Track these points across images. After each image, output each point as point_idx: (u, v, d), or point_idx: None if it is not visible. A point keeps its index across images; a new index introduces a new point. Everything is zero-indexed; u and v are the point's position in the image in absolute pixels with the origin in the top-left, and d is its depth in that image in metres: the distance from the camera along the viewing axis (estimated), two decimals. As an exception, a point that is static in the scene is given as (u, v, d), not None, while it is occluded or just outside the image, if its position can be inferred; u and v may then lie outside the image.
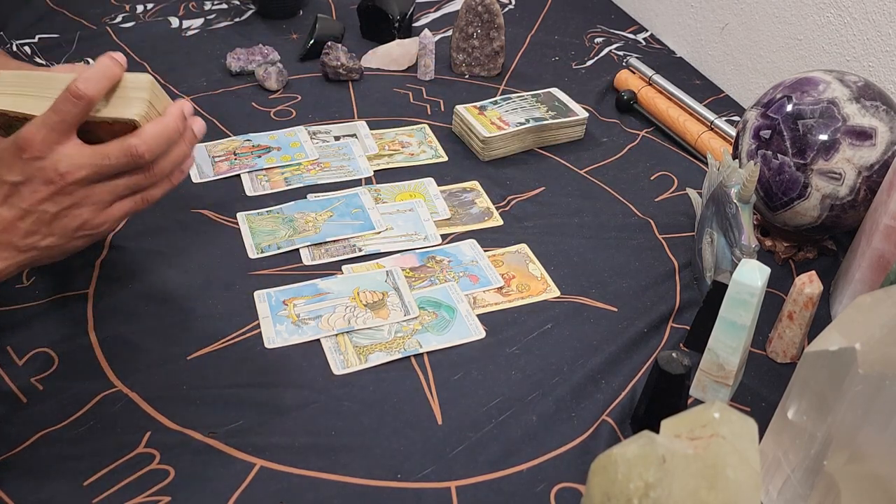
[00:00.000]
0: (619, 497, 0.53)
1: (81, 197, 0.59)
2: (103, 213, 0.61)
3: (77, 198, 0.59)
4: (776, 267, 0.96)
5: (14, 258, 0.60)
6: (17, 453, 0.69)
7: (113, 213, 0.61)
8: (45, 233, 0.59)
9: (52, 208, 0.58)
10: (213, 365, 0.79)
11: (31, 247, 0.60)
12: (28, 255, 0.60)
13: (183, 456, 0.70)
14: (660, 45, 1.46)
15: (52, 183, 0.58)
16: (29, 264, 0.61)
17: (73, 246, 0.62)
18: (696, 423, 0.55)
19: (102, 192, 0.60)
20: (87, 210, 0.60)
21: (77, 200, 0.59)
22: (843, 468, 0.60)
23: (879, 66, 1.06)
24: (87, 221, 0.60)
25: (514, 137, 1.12)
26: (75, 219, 0.59)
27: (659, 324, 0.88)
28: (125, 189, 0.60)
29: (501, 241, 0.97)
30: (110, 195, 0.60)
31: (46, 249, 0.60)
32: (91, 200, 0.59)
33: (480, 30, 1.27)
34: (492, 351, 0.83)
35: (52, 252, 0.61)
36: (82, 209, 0.59)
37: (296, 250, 0.93)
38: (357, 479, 0.70)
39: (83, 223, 0.60)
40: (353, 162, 1.08)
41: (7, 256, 0.59)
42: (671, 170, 1.12)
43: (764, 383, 0.82)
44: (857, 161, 0.86)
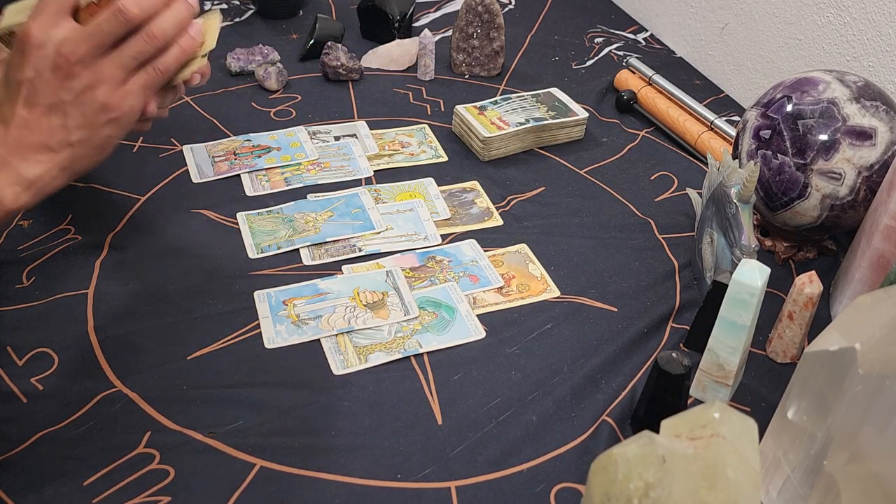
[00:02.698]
0: (619, 497, 0.53)
1: (91, 77, 0.58)
2: (120, 90, 0.60)
3: (87, 79, 0.58)
4: (776, 267, 0.96)
5: (52, 160, 0.59)
6: (17, 453, 0.69)
7: (130, 88, 0.60)
8: (70, 125, 0.59)
9: (67, 96, 0.58)
10: (213, 365, 0.79)
11: (64, 143, 0.59)
12: (64, 155, 0.60)
13: (183, 456, 0.70)
14: (660, 45, 1.46)
15: (60, 68, 0.57)
16: (69, 166, 0.60)
17: (104, 136, 0.61)
18: (696, 423, 0.55)
19: (110, 67, 0.59)
20: (102, 90, 0.59)
21: (89, 82, 0.58)
22: (843, 468, 0.60)
23: (879, 66, 1.06)
24: (106, 103, 0.59)
25: (514, 137, 1.12)
26: (94, 101, 0.59)
27: (659, 324, 0.88)
28: (131, 59, 0.59)
29: (501, 241, 0.97)
30: (119, 69, 0.59)
31: (80, 144, 0.60)
32: (102, 79, 0.59)
33: (480, 30, 1.27)
34: (492, 351, 0.83)
35: (87, 147, 0.60)
36: (97, 90, 0.59)
37: (296, 250, 0.93)
38: (357, 479, 0.70)
39: (103, 105, 0.59)
40: (353, 162, 1.08)
41: (44, 159, 0.59)
42: (671, 170, 1.12)
43: (764, 383, 0.82)
44: (857, 161, 0.86)
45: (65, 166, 0.60)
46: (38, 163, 0.59)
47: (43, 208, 0.96)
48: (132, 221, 0.96)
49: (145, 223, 0.95)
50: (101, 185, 1.00)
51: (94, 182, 1.00)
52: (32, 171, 0.59)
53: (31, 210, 0.95)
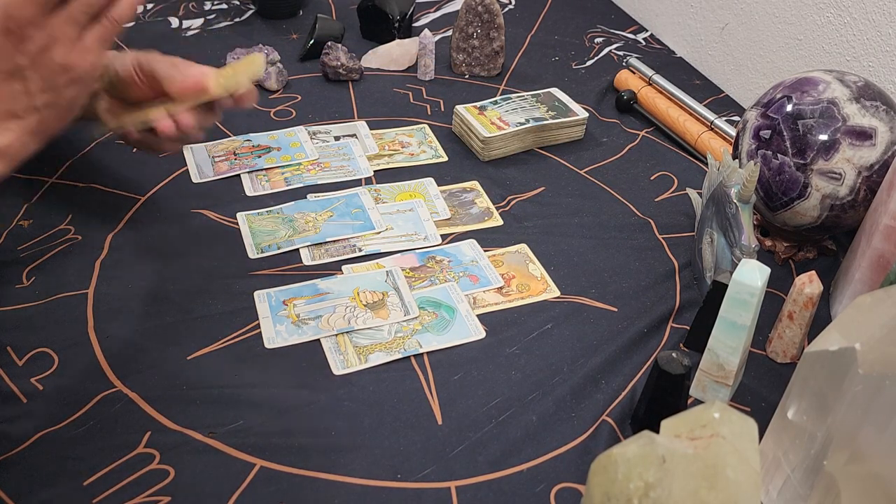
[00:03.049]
0: (619, 497, 0.53)
1: (44, 38, 0.57)
2: (77, 48, 0.59)
3: (40, 41, 0.57)
4: (776, 267, 0.96)
5: (20, 126, 0.59)
6: (17, 453, 0.69)
7: (86, 44, 0.59)
8: (32, 90, 0.58)
9: (23, 60, 0.57)
10: (213, 365, 0.79)
11: (30, 108, 0.58)
12: (32, 120, 0.59)
13: (183, 456, 0.70)
14: (660, 45, 1.46)
15: (11, 32, 0.56)
16: (39, 130, 0.60)
17: (70, 97, 0.60)
18: (696, 423, 0.55)
19: (60, 24, 0.58)
20: (59, 50, 0.58)
21: (43, 43, 0.57)
22: (843, 468, 0.60)
23: (879, 66, 1.06)
24: (66, 63, 0.58)
25: (514, 137, 1.12)
26: (52, 62, 0.58)
27: (659, 324, 0.88)
28: (81, 14, 0.58)
29: (501, 241, 0.97)
30: (71, 25, 0.58)
31: (45, 108, 0.59)
32: (56, 38, 0.58)
33: (480, 30, 1.27)
34: (492, 351, 0.83)
35: (53, 110, 0.60)
36: (53, 50, 0.58)
37: (296, 250, 0.93)
38: (357, 479, 0.70)
39: (62, 65, 0.58)
40: (353, 162, 1.08)
41: (12, 127, 0.58)
42: (671, 170, 1.12)
43: (764, 383, 0.82)
44: (857, 161, 0.86)
45: (34, 131, 0.59)
46: (7, 130, 0.58)
47: (43, 208, 0.96)
48: (132, 221, 0.96)
49: (145, 223, 0.95)
50: (101, 185, 1.00)
51: (94, 182, 1.00)
52: (1, 139, 0.58)
53: (31, 210, 0.95)
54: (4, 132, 0.58)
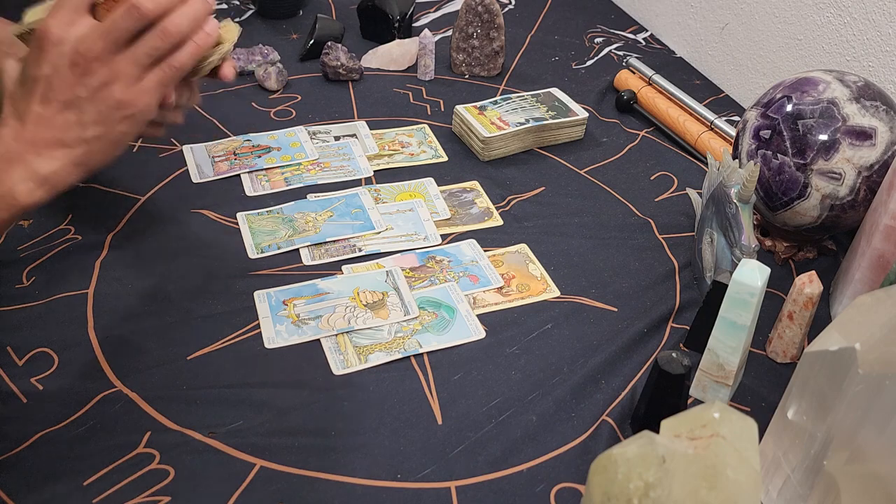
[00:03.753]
0: (619, 497, 0.53)
1: (107, 74, 0.59)
2: (135, 88, 0.60)
3: (103, 76, 0.59)
4: (776, 267, 0.96)
5: (66, 156, 0.60)
6: (17, 453, 0.69)
7: (144, 85, 0.60)
8: (86, 121, 0.59)
9: (83, 93, 0.59)
10: (213, 365, 0.79)
11: (79, 140, 0.60)
12: (79, 151, 0.60)
13: (183, 456, 0.70)
14: (660, 45, 1.46)
15: (77, 65, 0.58)
16: (84, 162, 0.61)
17: (119, 132, 0.61)
18: (696, 423, 0.55)
19: (125, 63, 0.59)
20: (118, 87, 0.59)
21: (104, 79, 0.59)
22: (843, 468, 0.60)
23: (879, 66, 1.06)
24: (121, 100, 0.60)
25: (514, 137, 1.12)
26: (109, 98, 0.59)
27: (659, 324, 0.88)
28: (146, 56, 0.60)
29: (501, 241, 0.97)
30: (134, 66, 0.59)
31: (95, 141, 0.60)
32: (117, 76, 0.59)
33: (480, 30, 1.27)
34: (492, 351, 0.83)
35: (101, 143, 0.61)
36: (113, 87, 0.59)
37: (296, 250, 0.93)
38: (357, 479, 0.70)
39: (119, 102, 0.60)
40: (353, 162, 1.08)
41: (59, 155, 0.59)
42: (671, 170, 1.12)
43: (764, 383, 0.82)
44: (857, 161, 0.86)
45: (79, 162, 0.61)
46: (53, 158, 0.59)
47: (43, 208, 0.95)
48: (132, 221, 0.96)
49: (145, 223, 0.95)
50: (101, 185, 1.00)
51: (94, 182, 1.00)
52: (47, 166, 0.59)
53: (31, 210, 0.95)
54: (51, 160, 0.59)
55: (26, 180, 0.59)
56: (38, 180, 0.59)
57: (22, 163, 0.59)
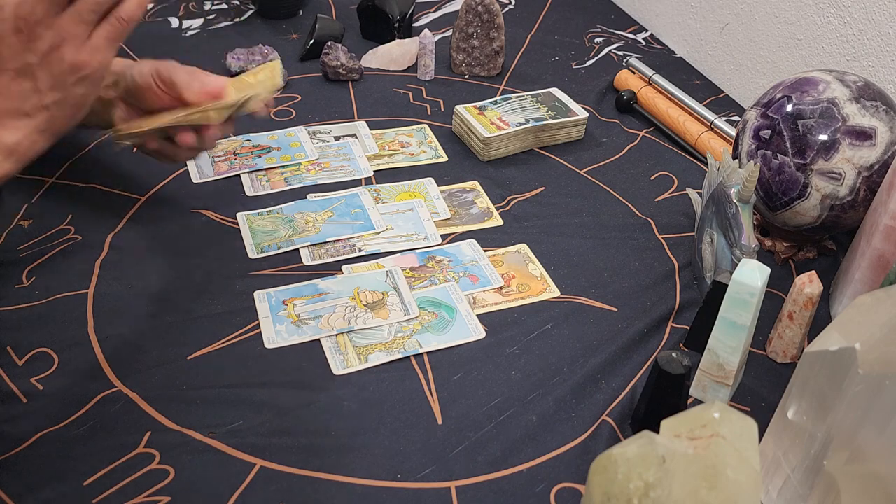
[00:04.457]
0: (619, 497, 0.53)
1: (54, 37, 0.57)
2: (86, 47, 0.59)
3: (50, 39, 0.57)
4: (776, 267, 0.96)
5: (28, 124, 0.59)
6: (17, 453, 0.69)
7: (95, 43, 0.59)
8: (42, 88, 0.58)
9: (33, 59, 0.57)
10: (213, 365, 0.79)
11: (38, 107, 0.59)
12: (41, 119, 0.59)
13: (183, 456, 0.70)
14: (660, 45, 1.46)
15: (21, 31, 0.57)
16: (48, 128, 0.60)
17: (78, 95, 0.60)
18: (696, 423, 0.55)
19: (70, 23, 0.58)
20: (68, 49, 0.58)
21: (52, 42, 0.57)
22: (843, 468, 0.60)
23: (879, 66, 1.06)
24: (74, 62, 0.59)
25: (514, 137, 1.12)
26: (61, 62, 0.58)
27: (659, 324, 0.88)
28: (90, 13, 0.58)
29: (501, 241, 0.97)
30: (80, 24, 0.58)
31: (55, 106, 0.59)
32: (65, 37, 0.58)
33: (480, 30, 1.27)
34: (492, 351, 0.83)
35: (62, 109, 0.60)
36: (62, 49, 0.58)
37: (296, 250, 0.93)
38: (357, 479, 0.70)
39: (72, 64, 0.59)
40: (353, 162, 1.08)
41: (21, 125, 0.59)
42: (671, 170, 1.12)
43: (764, 383, 0.82)
44: (857, 161, 0.86)
45: (43, 129, 0.60)
46: (16, 129, 0.58)
47: (43, 208, 0.96)
48: (132, 221, 0.96)
49: (145, 223, 0.95)
50: (101, 185, 1.00)
51: (94, 182, 1.00)
52: (10, 137, 0.58)
53: (31, 210, 0.95)
54: (13, 130, 0.59)
55: None
56: (4, 152, 0.58)
57: None
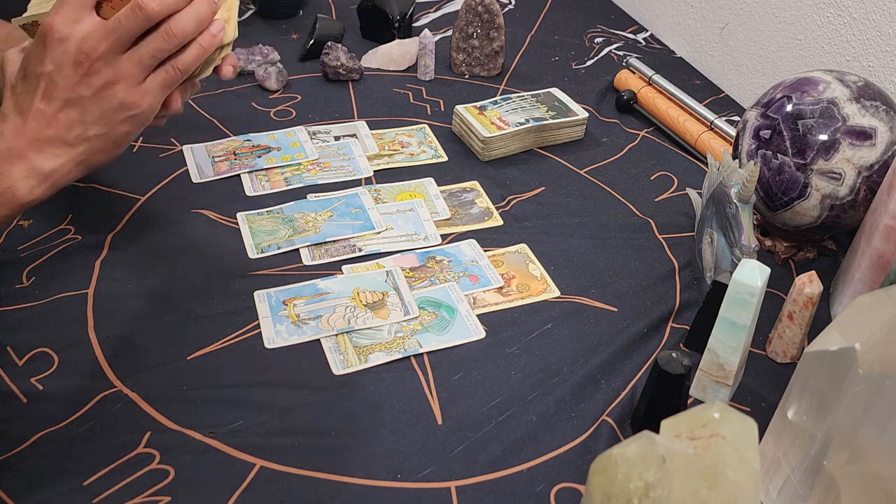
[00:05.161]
0: (619, 497, 0.53)
1: (111, 74, 0.59)
2: (138, 89, 0.60)
3: (107, 76, 0.59)
4: (776, 267, 0.96)
5: (67, 153, 0.60)
6: (17, 453, 0.69)
7: (148, 87, 0.60)
8: (88, 120, 0.59)
9: (86, 92, 0.58)
10: (213, 365, 0.79)
11: (81, 139, 0.60)
12: (80, 150, 0.60)
13: (183, 456, 0.70)
14: (660, 45, 1.46)
15: (80, 64, 0.58)
16: (85, 160, 0.61)
17: (122, 132, 0.61)
18: (696, 423, 0.55)
19: (129, 64, 0.59)
20: (121, 88, 0.59)
21: (108, 79, 0.59)
22: (843, 468, 0.60)
23: (879, 66, 1.06)
24: (125, 101, 0.60)
25: (514, 137, 1.12)
26: (112, 99, 0.59)
27: (659, 324, 0.88)
28: (150, 58, 0.60)
29: (501, 241, 0.97)
30: (138, 67, 0.59)
31: (96, 139, 0.60)
32: (121, 76, 0.59)
33: (480, 30, 1.27)
34: (492, 351, 0.83)
35: (103, 142, 0.61)
36: (116, 87, 0.59)
37: (296, 250, 0.93)
38: (357, 479, 0.70)
39: (122, 103, 0.60)
40: (353, 162, 1.08)
41: (60, 153, 0.60)
42: (671, 170, 1.12)
43: (764, 383, 0.82)
44: (857, 161, 0.86)
45: (80, 160, 0.61)
46: (54, 156, 0.59)
47: (43, 208, 0.95)
48: (132, 221, 0.96)
49: (145, 223, 0.95)
50: (101, 185, 1.00)
51: (94, 182, 1.00)
52: (48, 164, 0.59)
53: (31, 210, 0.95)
54: (53, 158, 0.60)
55: (27, 177, 0.59)
56: (39, 177, 0.59)
57: (23, 159, 0.59)
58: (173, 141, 1.09)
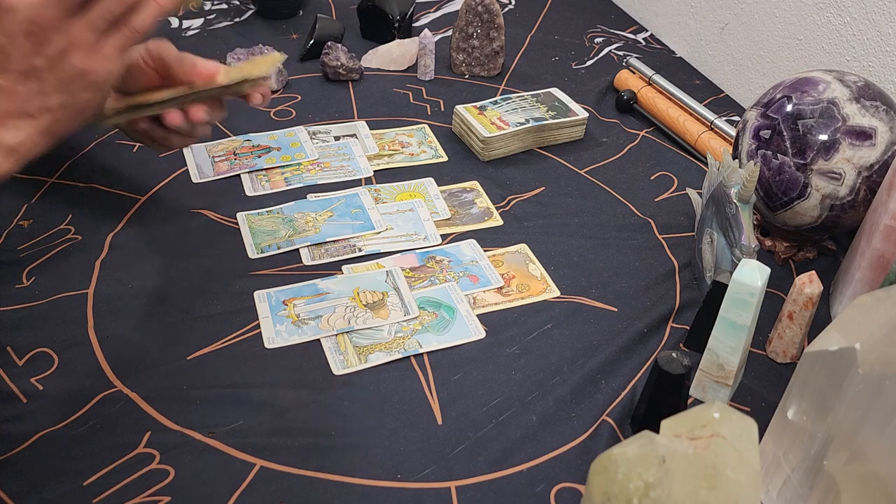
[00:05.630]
0: (619, 497, 0.53)
1: (64, 42, 0.58)
2: (95, 54, 0.59)
3: (60, 44, 0.57)
4: (776, 267, 0.96)
5: (31, 125, 0.59)
6: (17, 453, 0.69)
7: (104, 50, 0.59)
8: (47, 90, 0.58)
9: (41, 62, 0.57)
10: (213, 365, 0.79)
11: (43, 109, 0.59)
12: (44, 121, 0.59)
13: (183, 456, 0.70)
14: (660, 45, 1.46)
15: (32, 34, 0.57)
16: (49, 130, 0.60)
17: (83, 99, 0.60)
18: (696, 423, 0.55)
19: (81, 29, 0.58)
20: (77, 55, 0.58)
21: (61, 47, 0.58)
22: (843, 468, 0.60)
23: (879, 66, 1.06)
24: (82, 68, 0.59)
25: (514, 137, 1.12)
26: (69, 67, 0.58)
27: (659, 324, 0.88)
28: (102, 21, 0.59)
29: (501, 241, 0.97)
30: (91, 31, 0.58)
31: (59, 109, 0.59)
32: (75, 43, 0.58)
33: (480, 30, 1.27)
34: (492, 351, 0.83)
35: (66, 112, 0.60)
36: (71, 55, 0.58)
37: (296, 250, 0.93)
38: (357, 479, 0.70)
39: (79, 70, 0.59)
40: (353, 162, 1.08)
41: (23, 125, 0.59)
42: (671, 170, 1.12)
43: (764, 383, 0.82)
44: (857, 161, 0.86)
45: (45, 131, 0.60)
46: (18, 129, 0.59)
47: (43, 208, 0.96)
48: (132, 221, 0.96)
49: (145, 223, 0.95)
50: (101, 185, 1.00)
51: (94, 182, 1.00)
52: (12, 137, 0.58)
53: (31, 210, 0.95)
54: (16, 130, 0.59)
55: None
56: (5, 152, 0.58)
57: None
58: (173, 141, 1.09)
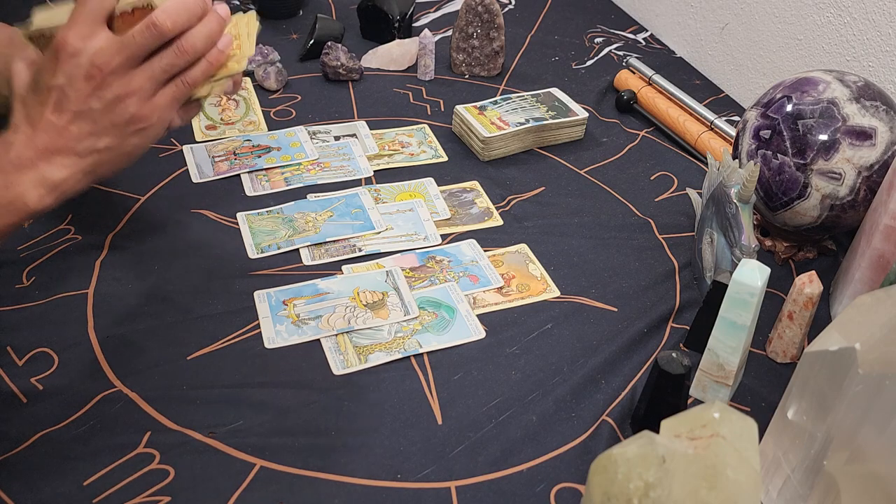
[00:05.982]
0: (619, 497, 0.53)
1: (122, 88, 0.59)
2: (149, 103, 0.61)
3: (118, 89, 0.59)
4: (776, 267, 0.96)
5: (77, 164, 0.61)
6: (17, 453, 0.69)
7: (158, 101, 0.61)
8: (98, 132, 0.60)
9: (97, 105, 0.59)
10: (213, 365, 0.79)
11: (90, 150, 0.60)
12: (90, 161, 0.61)
13: (183, 456, 0.70)
14: (660, 45, 1.46)
15: (92, 78, 0.58)
16: (94, 171, 0.62)
17: (131, 145, 0.62)
18: (696, 423, 0.55)
19: (141, 78, 0.60)
20: (132, 102, 0.60)
21: (119, 93, 0.59)
22: (843, 468, 0.60)
23: (879, 66, 1.06)
24: (135, 114, 0.60)
25: (514, 137, 1.12)
26: (123, 112, 0.60)
27: (659, 324, 0.88)
28: (162, 72, 0.61)
29: (501, 241, 0.97)
30: (150, 81, 0.60)
31: (106, 151, 0.61)
32: (133, 90, 0.60)
33: (480, 30, 1.27)
34: (492, 351, 0.83)
35: (113, 155, 0.62)
36: (127, 101, 0.60)
37: (296, 250, 0.93)
38: (357, 479, 0.70)
39: (132, 117, 0.60)
40: (353, 162, 1.08)
41: (69, 163, 0.60)
42: (671, 170, 1.12)
43: (764, 383, 0.82)
44: (857, 161, 0.86)
45: (89, 171, 0.62)
46: (64, 167, 0.60)
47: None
48: (132, 221, 0.96)
49: (145, 223, 0.95)
50: (101, 185, 1.00)
51: (94, 182, 1.00)
52: (57, 174, 0.60)
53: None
54: (62, 168, 0.60)
55: (37, 186, 0.60)
56: (49, 187, 0.60)
57: (33, 169, 0.60)
58: (173, 141, 1.09)
